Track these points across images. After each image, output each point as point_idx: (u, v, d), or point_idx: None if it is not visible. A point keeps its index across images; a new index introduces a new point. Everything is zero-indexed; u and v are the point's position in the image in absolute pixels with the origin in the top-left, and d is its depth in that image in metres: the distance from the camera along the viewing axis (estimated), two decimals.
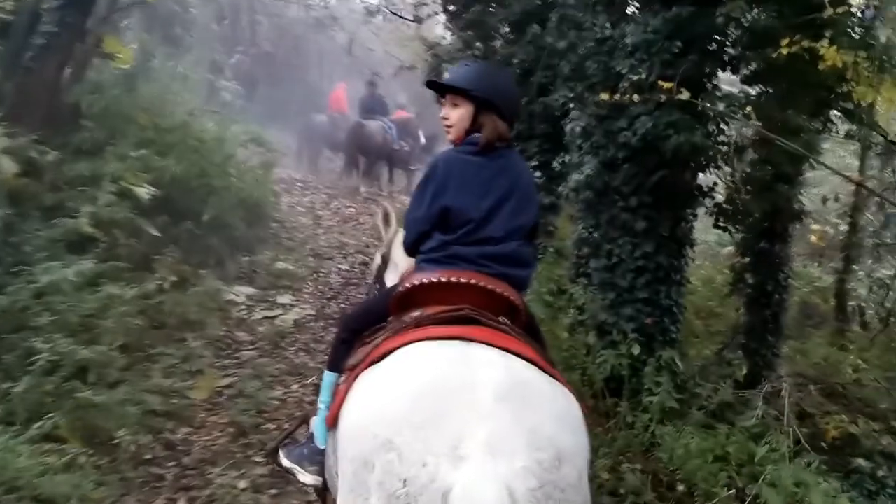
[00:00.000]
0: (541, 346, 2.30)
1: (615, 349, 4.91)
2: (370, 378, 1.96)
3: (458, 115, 2.46)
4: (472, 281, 2.22)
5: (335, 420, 2.03)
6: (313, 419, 2.68)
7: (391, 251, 3.02)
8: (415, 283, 2.28)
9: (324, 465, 2.45)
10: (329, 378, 2.58)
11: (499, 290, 2.23)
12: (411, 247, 2.49)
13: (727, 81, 5.54)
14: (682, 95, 3.91)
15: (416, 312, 2.20)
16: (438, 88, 2.62)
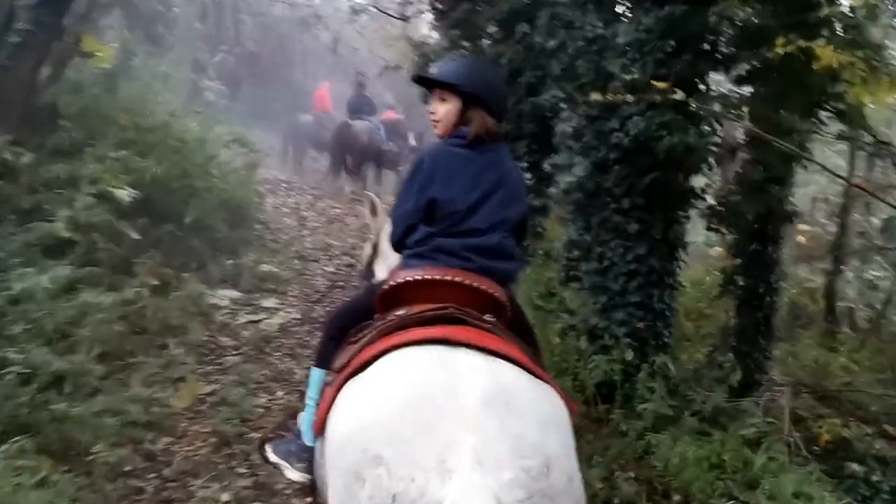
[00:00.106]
0: (528, 343, 2.31)
1: (607, 354, 4.82)
2: (355, 388, 1.95)
3: (446, 110, 2.46)
4: (458, 279, 2.21)
5: (322, 426, 2.02)
6: (301, 414, 2.67)
7: (380, 241, 3.03)
8: (399, 281, 2.28)
9: (312, 464, 2.45)
10: (317, 375, 2.58)
11: (483, 287, 2.22)
12: (398, 242, 2.49)
13: (714, 82, 5.48)
14: (677, 95, 3.83)
15: (401, 311, 2.19)
16: (426, 83, 2.63)
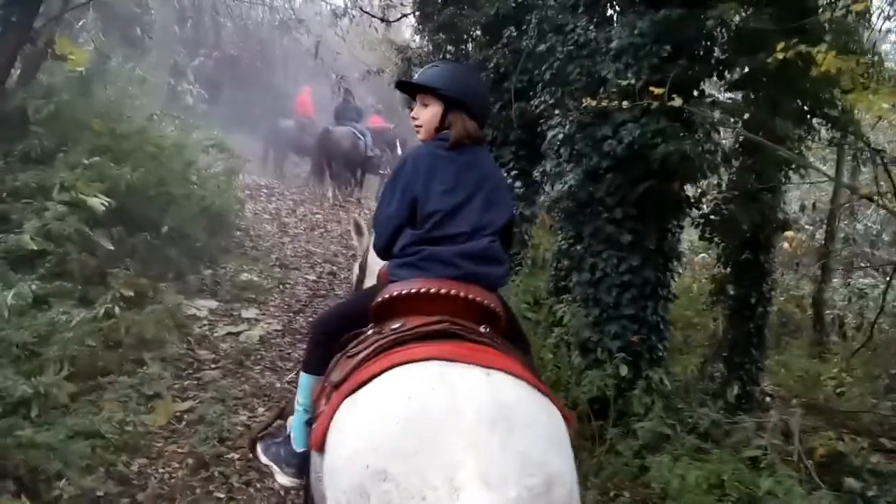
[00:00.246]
0: (523, 352, 2.33)
1: (600, 369, 4.68)
2: (355, 405, 1.92)
3: (428, 115, 2.49)
4: (453, 291, 2.20)
5: (321, 443, 1.98)
6: (291, 418, 2.66)
7: (367, 260, 3.02)
8: (393, 294, 2.26)
9: (302, 468, 2.47)
10: (306, 380, 2.54)
11: (479, 299, 2.22)
12: (384, 249, 2.47)
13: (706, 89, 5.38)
14: (675, 102, 3.69)
15: (397, 324, 2.17)
16: (408, 88, 2.66)
